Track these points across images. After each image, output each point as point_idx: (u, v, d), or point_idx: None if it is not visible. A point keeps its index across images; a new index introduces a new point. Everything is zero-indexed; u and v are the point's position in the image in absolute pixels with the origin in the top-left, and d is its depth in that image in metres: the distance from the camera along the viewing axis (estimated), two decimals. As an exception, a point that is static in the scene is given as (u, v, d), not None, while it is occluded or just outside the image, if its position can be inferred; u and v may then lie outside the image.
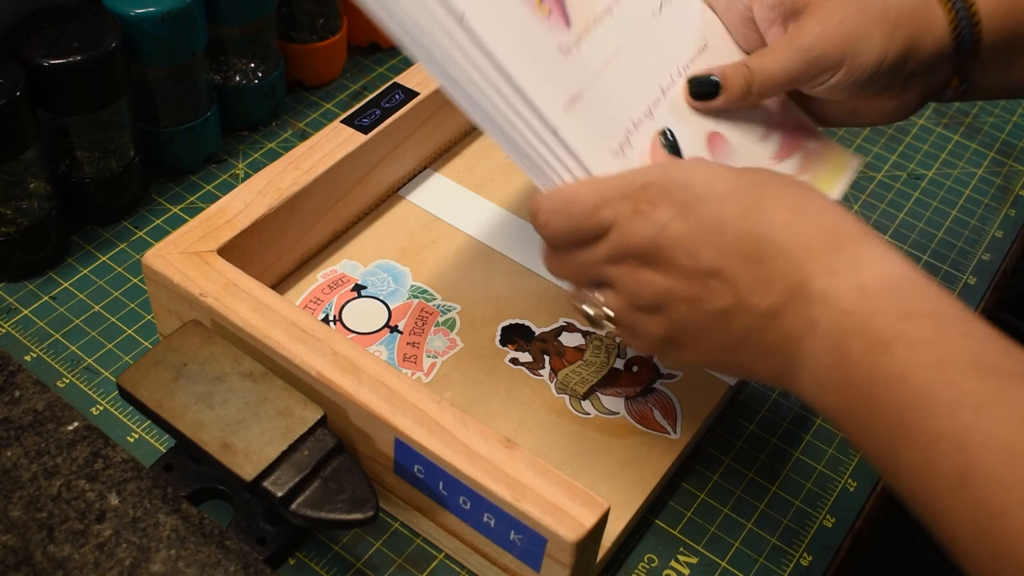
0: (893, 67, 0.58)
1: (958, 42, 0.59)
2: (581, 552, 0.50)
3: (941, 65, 0.59)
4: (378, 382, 0.55)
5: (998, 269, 0.77)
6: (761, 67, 0.59)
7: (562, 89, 0.53)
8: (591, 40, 0.57)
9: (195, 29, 0.69)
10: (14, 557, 0.49)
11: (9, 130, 0.62)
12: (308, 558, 0.57)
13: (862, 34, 0.57)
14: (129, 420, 0.62)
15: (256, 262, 0.64)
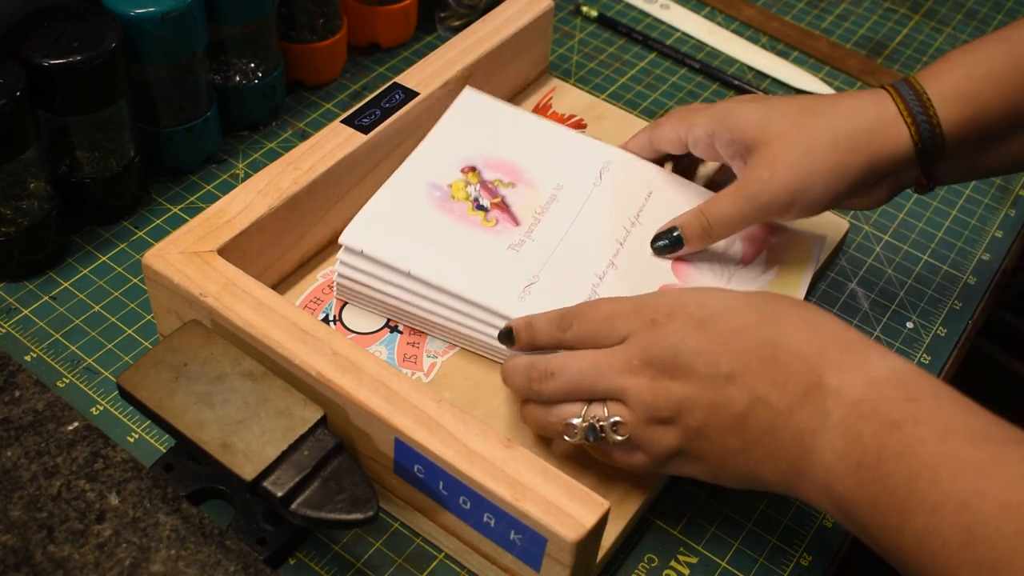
0: (850, 189, 0.62)
1: (921, 150, 0.61)
2: (581, 552, 0.50)
3: (906, 169, 0.62)
4: (378, 382, 0.55)
5: (998, 269, 0.77)
6: (717, 214, 0.64)
7: (513, 284, 0.63)
8: (541, 227, 0.67)
9: (195, 29, 0.69)
10: (14, 557, 0.49)
11: (9, 130, 0.62)
12: (308, 558, 0.57)
13: (809, 175, 0.61)
14: (129, 420, 0.62)
15: (256, 262, 0.64)
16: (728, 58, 0.92)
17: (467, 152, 0.70)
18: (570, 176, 0.70)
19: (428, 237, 0.65)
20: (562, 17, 0.94)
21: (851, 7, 0.99)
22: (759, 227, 0.68)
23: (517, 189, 0.69)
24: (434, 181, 0.68)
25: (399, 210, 0.66)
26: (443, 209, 0.67)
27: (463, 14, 0.89)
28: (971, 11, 1.00)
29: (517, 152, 0.71)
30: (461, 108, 0.73)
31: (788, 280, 0.66)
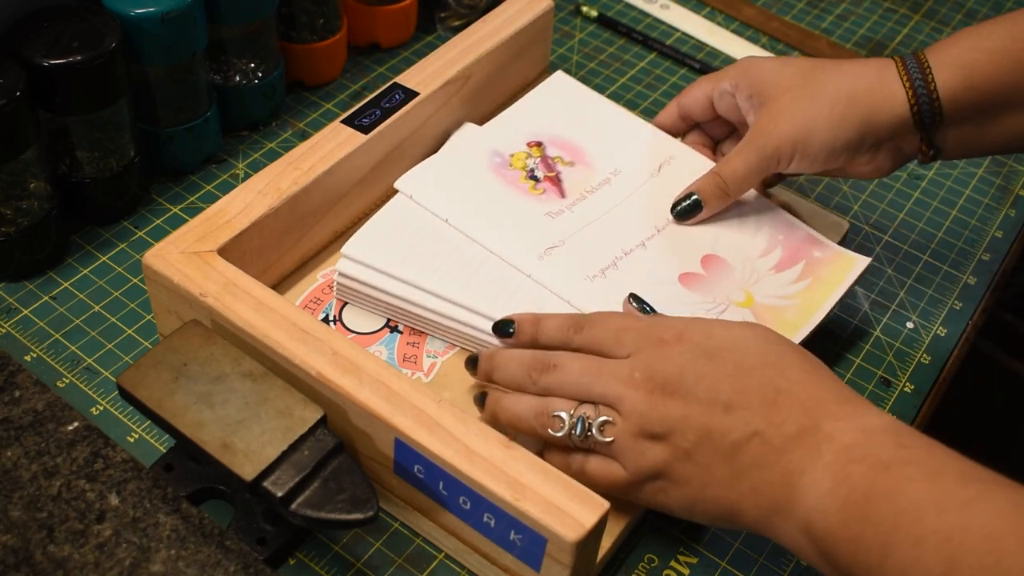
0: (848, 144, 0.65)
1: (918, 114, 0.64)
2: (581, 552, 0.50)
3: (906, 134, 0.65)
4: (378, 382, 0.55)
5: (998, 269, 0.77)
6: (729, 171, 0.68)
7: (537, 243, 0.67)
8: (585, 203, 0.70)
9: (195, 29, 0.69)
10: (14, 557, 0.49)
11: (9, 130, 0.62)
12: (308, 558, 0.57)
13: (809, 126, 0.65)
14: (129, 420, 0.62)
15: (256, 262, 0.64)
16: (728, 58, 0.92)
17: (537, 128, 0.75)
18: (629, 164, 0.73)
19: (470, 194, 0.69)
20: (562, 17, 0.94)
21: (851, 7, 0.99)
22: (804, 239, 0.69)
23: (575, 168, 0.73)
24: (497, 148, 0.73)
25: (454, 177, 0.70)
26: (496, 173, 0.71)
27: (463, 14, 0.89)
28: (971, 11, 1.00)
29: (585, 135, 0.75)
30: (546, 89, 0.77)
31: (816, 295, 0.66)
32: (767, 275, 0.67)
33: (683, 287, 0.66)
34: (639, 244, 0.68)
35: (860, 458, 0.48)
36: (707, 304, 0.65)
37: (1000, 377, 1.02)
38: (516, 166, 0.72)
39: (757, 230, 0.70)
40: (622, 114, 0.77)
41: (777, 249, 0.69)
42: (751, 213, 0.71)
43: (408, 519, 0.59)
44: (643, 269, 0.67)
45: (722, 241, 0.69)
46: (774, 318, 0.65)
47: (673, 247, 0.68)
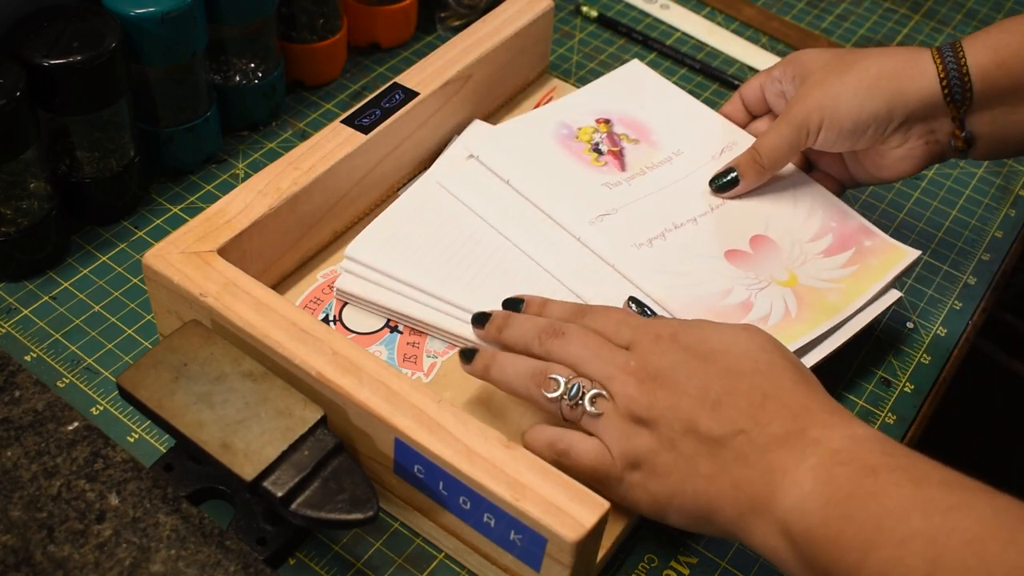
0: (876, 115, 0.66)
1: (948, 88, 0.64)
2: (581, 552, 0.50)
3: (936, 113, 0.66)
4: (378, 382, 0.55)
5: (998, 269, 0.77)
6: (764, 144, 0.70)
7: (590, 209, 0.69)
8: (644, 178, 0.72)
9: (195, 29, 0.69)
10: (14, 557, 0.49)
11: (9, 130, 0.62)
12: (308, 558, 0.57)
13: (838, 92, 0.66)
14: (129, 420, 0.62)
15: (256, 262, 0.64)
16: (728, 58, 0.92)
17: (608, 107, 0.77)
18: (692, 146, 0.75)
19: (533, 158, 0.72)
20: (562, 17, 0.94)
21: (851, 7, 0.99)
22: (857, 228, 0.70)
23: (639, 146, 0.75)
24: (566, 121, 0.76)
25: (521, 142, 0.73)
26: (562, 143, 0.74)
27: (463, 14, 0.89)
28: (971, 11, 1.00)
29: (653, 117, 0.77)
30: (621, 74, 0.80)
31: (861, 281, 0.66)
32: (815, 258, 0.68)
33: (727, 262, 0.67)
34: (691, 219, 0.70)
35: (846, 462, 0.48)
36: (748, 279, 0.66)
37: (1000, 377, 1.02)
38: (582, 138, 0.74)
39: (810, 215, 0.71)
40: (692, 102, 0.78)
41: (829, 235, 0.69)
42: (806, 198, 0.72)
43: (408, 519, 0.59)
44: (690, 242, 0.68)
45: (774, 223, 0.70)
46: (815, 299, 0.65)
47: (724, 225, 0.70)
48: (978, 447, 1.04)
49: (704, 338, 0.54)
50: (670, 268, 0.66)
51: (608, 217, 0.69)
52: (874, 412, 0.67)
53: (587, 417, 0.54)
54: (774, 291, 0.66)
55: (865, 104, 0.66)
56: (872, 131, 0.67)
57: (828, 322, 0.64)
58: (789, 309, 0.65)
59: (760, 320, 0.64)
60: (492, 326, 0.60)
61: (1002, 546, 0.42)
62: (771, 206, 0.71)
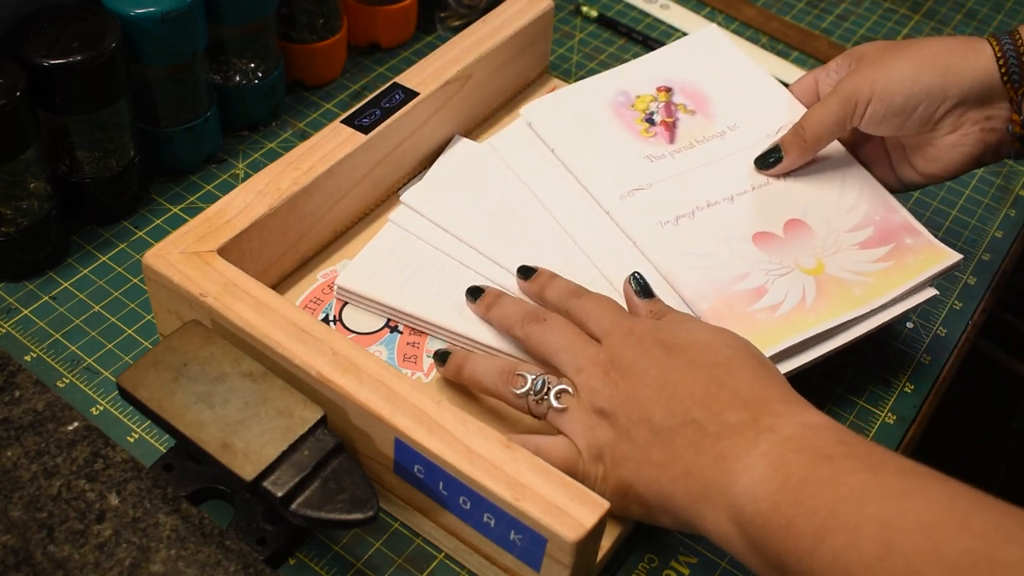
0: (929, 90, 0.64)
1: (1004, 69, 0.63)
2: (581, 552, 0.50)
3: (992, 96, 0.64)
4: (378, 382, 0.55)
5: (998, 269, 0.77)
6: (808, 119, 0.68)
7: (624, 185, 0.69)
8: (691, 152, 0.72)
9: (195, 29, 0.69)
10: (14, 557, 0.49)
11: (9, 130, 0.62)
12: (308, 558, 0.57)
13: (890, 69, 0.64)
14: (129, 420, 0.62)
15: (256, 262, 0.64)
16: (728, 58, 0.92)
17: (673, 74, 0.77)
18: (750, 122, 0.74)
19: (580, 127, 0.73)
20: (562, 17, 0.94)
21: (851, 7, 0.99)
22: (901, 224, 0.68)
23: (694, 118, 0.74)
24: (626, 88, 0.76)
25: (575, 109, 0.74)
26: (615, 111, 0.74)
27: (463, 14, 0.89)
28: (971, 11, 1.00)
29: (716, 87, 0.76)
30: (697, 39, 0.79)
31: (892, 278, 0.65)
32: (849, 248, 0.66)
33: (754, 245, 0.66)
34: (727, 198, 0.69)
35: (799, 449, 0.48)
36: (770, 264, 0.65)
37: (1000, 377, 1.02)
38: (637, 107, 0.74)
39: (855, 205, 0.69)
40: (762, 76, 0.77)
41: (870, 228, 0.67)
42: (854, 188, 0.70)
43: (408, 519, 0.59)
44: (719, 222, 0.68)
45: (814, 208, 0.69)
46: (837, 290, 0.64)
47: (761, 206, 0.69)
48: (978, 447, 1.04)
49: (675, 332, 0.55)
50: (690, 248, 0.66)
51: (640, 192, 0.69)
52: (874, 412, 0.67)
53: (552, 412, 0.56)
54: (794, 278, 0.64)
55: (918, 78, 0.64)
56: (923, 109, 0.64)
57: (845, 315, 0.63)
58: (805, 298, 0.63)
59: (770, 307, 0.63)
60: (482, 303, 0.63)
61: (956, 530, 0.42)
62: (815, 191, 0.69)
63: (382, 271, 0.67)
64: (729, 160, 0.71)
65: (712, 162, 0.71)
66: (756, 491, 0.48)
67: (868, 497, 0.45)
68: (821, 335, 0.62)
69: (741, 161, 0.71)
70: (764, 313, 0.63)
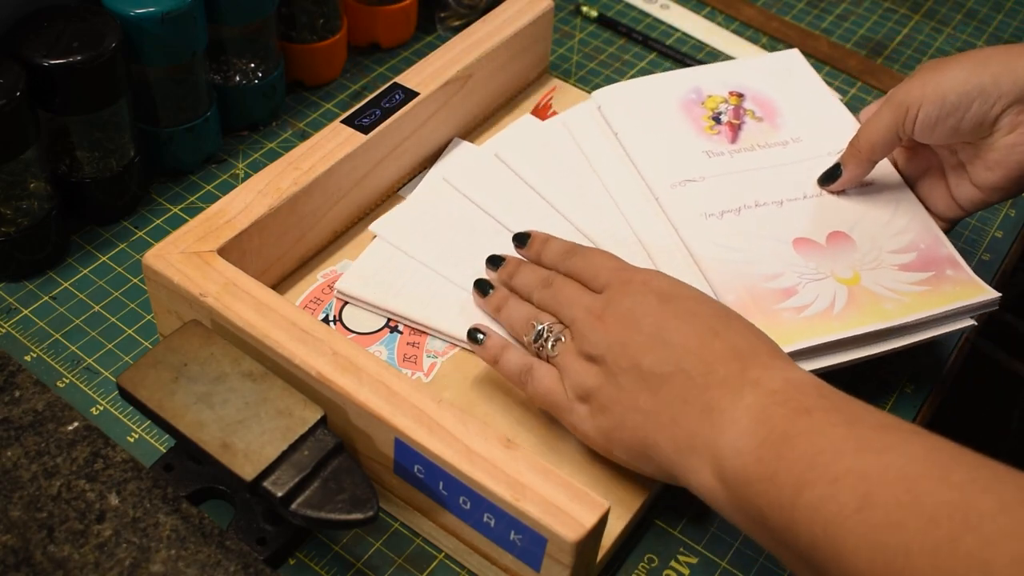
0: (982, 87, 0.63)
1: None
2: (581, 552, 0.50)
3: None
4: (378, 382, 0.55)
5: (998, 269, 0.77)
6: (862, 129, 0.68)
7: (678, 174, 0.71)
8: (750, 154, 0.73)
9: (195, 29, 0.69)
10: (14, 557, 0.49)
11: (9, 130, 0.62)
12: (308, 558, 0.57)
13: (942, 72, 0.64)
14: (129, 420, 0.62)
15: (256, 262, 0.64)
16: (728, 58, 0.92)
17: (746, 82, 0.78)
18: (814, 137, 0.75)
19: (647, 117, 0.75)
20: (562, 17, 0.94)
21: (851, 7, 0.99)
22: (945, 256, 0.67)
23: (761, 124, 0.75)
24: (699, 86, 0.77)
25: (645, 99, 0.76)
26: (683, 106, 0.76)
27: (463, 14, 0.89)
28: (971, 11, 1.00)
29: (788, 102, 0.77)
30: (777, 58, 0.81)
31: (925, 301, 0.64)
32: (889, 267, 0.66)
33: (793, 249, 0.67)
34: (776, 201, 0.70)
35: (782, 402, 0.49)
36: (806, 269, 0.66)
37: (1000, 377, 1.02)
38: (707, 105, 0.76)
39: (904, 231, 0.68)
40: (835, 102, 0.77)
41: (913, 253, 0.67)
42: (904, 214, 0.69)
43: (408, 519, 0.59)
44: (764, 223, 0.68)
45: (862, 227, 0.69)
46: (868, 302, 0.64)
47: (808, 215, 0.69)
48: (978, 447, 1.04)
49: (672, 284, 0.57)
50: (729, 242, 0.67)
51: (692, 183, 0.70)
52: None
53: (548, 356, 0.58)
54: (827, 284, 0.65)
55: (970, 77, 0.63)
56: (977, 107, 0.63)
57: (871, 326, 0.62)
58: (834, 304, 0.63)
59: (796, 308, 0.63)
60: (504, 271, 0.64)
61: (934, 483, 0.42)
62: (866, 210, 0.70)
63: (380, 274, 0.67)
64: (786, 168, 0.72)
65: (769, 167, 0.72)
66: (739, 445, 0.49)
67: (846, 450, 0.45)
68: (843, 342, 0.62)
69: (798, 170, 0.72)
70: (789, 312, 0.63)
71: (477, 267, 0.67)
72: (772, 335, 0.56)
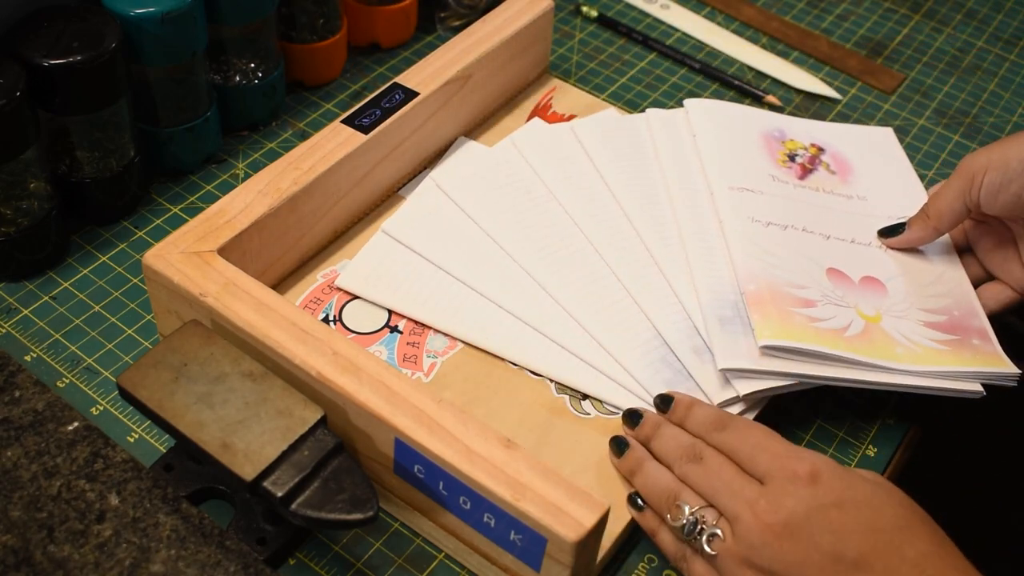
0: None
1: None
2: (581, 552, 0.50)
3: None
4: (378, 382, 0.55)
5: (998, 269, 0.77)
6: (932, 196, 0.69)
7: (736, 182, 0.72)
8: (815, 194, 0.74)
9: (195, 29, 0.69)
10: (14, 557, 0.49)
11: (9, 130, 0.62)
12: (308, 558, 0.57)
13: (1008, 144, 0.64)
14: (129, 420, 0.62)
15: (256, 262, 0.64)
16: (728, 58, 0.92)
17: (830, 141, 0.79)
18: (881, 200, 0.75)
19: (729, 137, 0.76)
20: (562, 17, 0.94)
21: (851, 7, 0.99)
22: (976, 328, 0.66)
23: (832, 177, 0.76)
24: (784, 129, 0.79)
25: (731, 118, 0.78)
26: (763, 138, 0.77)
27: (463, 14, 0.89)
28: (971, 11, 1.00)
29: (863, 165, 0.78)
30: (869, 131, 0.81)
31: (939, 358, 0.63)
32: (916, 322, 0.66)
33: (825, 275, 0.67)
34: (824, 235, 0.70)
35: None
36: (833, 295, 0.66)
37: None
38: (787, 146, 0.77)
39: (942, 296, 0.68)
40: (912, 177, 0.77)
41: (944, 316, 0.66)
42: (948, 282, 0.69)
43: (408, 519, 0.59)
44: (805, 245, 0.69)
45: (899, 281, 0.68)
46: (882, 341, 0.63)
47: (851, 254, 0.69)
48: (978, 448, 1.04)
49: (847, 483, 0.52)
50: (768, 249, 0.67)
51: (750, 193, 0.71)
52: (872, 415, 0.67)
53: (703, 549, 0.53)
54: (847, 312, 0.64)
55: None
56: None
57: (871, 359, 0.62)
58: (848, 328, 0.63)
59: (811, 319, 0.63)
60: (642, 432, 0.60)
61: None
62: (909, 268, 0.69)
63: (380, 271, 0.67)
64: (844, 215, 0.72)
65: (828, 208, 0.73)
66: None
67: None
68: (846, 360, 0.62)
69: (855, 220, 0.72)
70: (802, 317, 0.63)
71: (479, 264, 0.67)
72: (779, 327, 0.55)
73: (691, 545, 0.54)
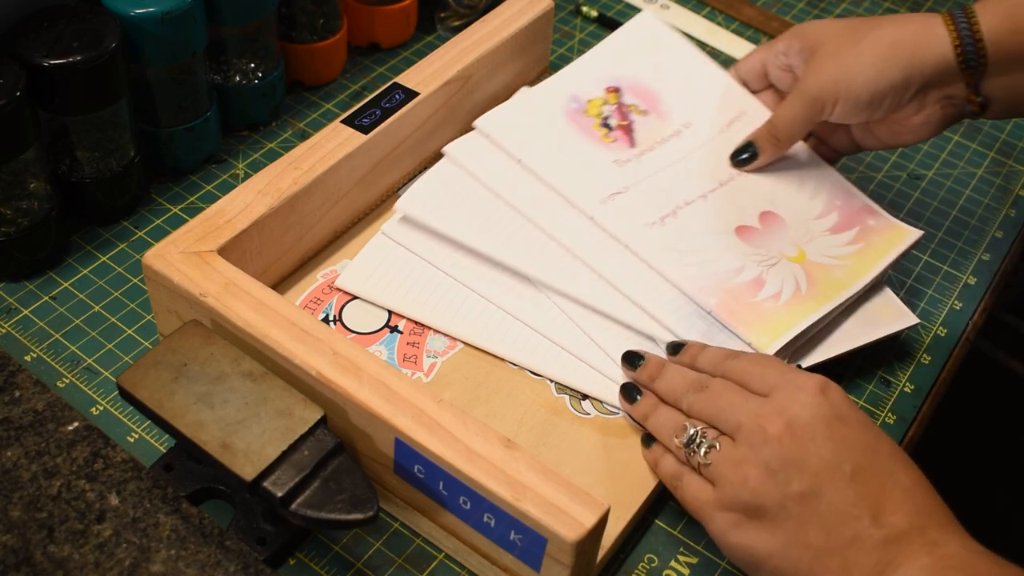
0: (893, 84, 0.66)
1: (962, 55, 0.64)
2: (581, 552, 0.50)
3: (951, 79, 0.66)
4: (378, 382, 0.55)
5: (998, 269, 0.77)
6: (780, 118, 0.70)
7: (602, 188, 0.70)
8: (654, 153, 0.73)
9: (195, 29, 0.69)
10: (14, 557, 0.49)
11: (9, 130, 0.62)
12: (308, 558, 0.57)
13: (852, 65, 0.66)
14: (129, 420, 0.62)
15: (256, 262, 0.64)
16: (728, 58, 0.92)
17: (617, 72, 0.77)
18: (701, 118, 0.75)
19: (544, 136, 0.72)
20: (562, 17, 0.94)
21: (851, 7, 0.99)
22: (861, 208, 0.71)
23: (648, 118, 0.75)
24: (576, 93, 0.76)
25: (530, 118, 0.74)
26: (571, 118, 0.74)
27: (463, 14, 0.89)
28: (971, 11, 1.00)
29: (664, 83, 0.77)
30: (632, 30, 0.80)
31: (866, 259, 0.68)
32: (822, 235, 0.69)
33: (739, 239, 0.68)
34: (700, 196, 0.71)
35: (957, 567, 0.47)
36: (760, 256, 0.67)
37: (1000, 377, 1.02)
38: (591, 113, 0.75)
39: (816, 194, 0.72)
40: (701, 61, 0.78)
41: (834, 213, 0.71)
42: (811, 177, 0.73)
43: (408, 519, 0.59)
44: (701, 219, 0.69)
45: (780, 199, 0.71)
46: (824, 275, 0.67)
47: (732, 201, 0.71)
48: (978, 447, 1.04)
49: (853, 407, 0.53)
50: (682, 246, 0.67)
51: (620, 196, 0.70)
52: (874, 412, 0.67)
53: (700, 463, 0.54)
54: (784, 268, 0.67)
55: (882, 74, 0.66)
56: (889, 101, 0.67)
57: (836, 299, 0.65)
58: (800, 287, 0.66)
59: (772, 297, 0.65)
60: (644, 372, 0.61)
61: None
62: (777, 183, 0.72)
63: (380, 271, 0.67)
64: (690, 160, 0.73)
65: (676, 163, 0.73)
66: None
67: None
68: (813, 338, 0.64)
69: (702, 159, 0.73)
70: (769, 303, 0.64)
71: (478, 265, 0.67)
72: (764, 328, 0.56)
73: (689, 462, 0.55)
